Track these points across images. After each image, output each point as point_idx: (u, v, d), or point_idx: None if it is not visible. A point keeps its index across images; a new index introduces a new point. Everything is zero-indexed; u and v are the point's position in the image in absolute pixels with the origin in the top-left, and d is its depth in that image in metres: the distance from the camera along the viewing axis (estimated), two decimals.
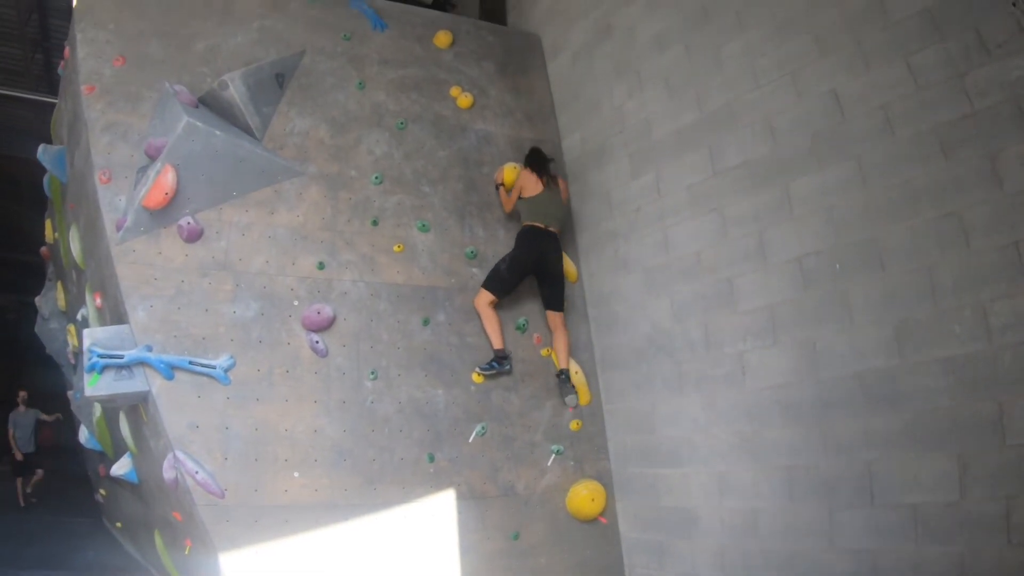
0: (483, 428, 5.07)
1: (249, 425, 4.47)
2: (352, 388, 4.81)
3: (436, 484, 4.84)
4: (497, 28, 6.79)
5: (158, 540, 5.74)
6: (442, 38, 6.16)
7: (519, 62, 6.51)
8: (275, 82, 5.36)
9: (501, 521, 4.94)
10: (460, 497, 4.86)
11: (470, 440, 5.02)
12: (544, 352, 5.51)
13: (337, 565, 4.42)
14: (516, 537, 4.94)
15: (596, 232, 5.84)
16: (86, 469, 10.20)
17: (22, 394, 11.28)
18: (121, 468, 5.54)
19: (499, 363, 5.18)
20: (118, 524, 8.45)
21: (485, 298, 5.26)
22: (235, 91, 5.08)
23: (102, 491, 9.08)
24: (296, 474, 4.49)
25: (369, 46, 5.87)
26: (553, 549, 5.04)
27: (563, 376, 5.44)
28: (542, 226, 5.41)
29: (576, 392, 5.44)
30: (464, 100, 5.98)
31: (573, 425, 5.38)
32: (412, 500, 4.73)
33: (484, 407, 5.16)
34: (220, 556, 4.22)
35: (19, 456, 11.04)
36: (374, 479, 4.68)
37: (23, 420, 11.10)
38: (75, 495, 10.73)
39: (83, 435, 6.87)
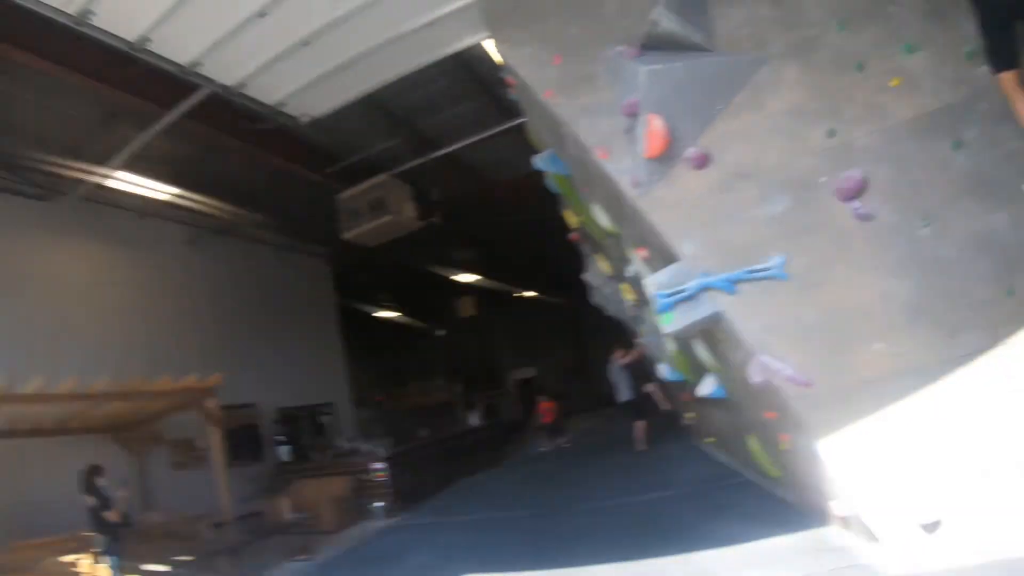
0: None
1: (818, 311, 4.76)
2: (907, 242, 4.72)
3: (1021, 318, 4.41)
4: None
5: (752, 443, 6.48)
6: None
7: None
8: None
9: None
10: None
11: None
12: None
13: (932, 429, 4.36)
14: None
15: None
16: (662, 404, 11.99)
17: (620, 351, 12.48)
18: (706, 388, 6.37)
19: None
20: (709, 439, 9.67)
21: (1005, 81, 4.17)
22: (668, 22, 5.44)
23: (689, 415, 10.44)
24: (876, 345, 4.62)
25: None
26: None
27: None
28: None
29: None
30: None
31: None
32: (997, 344, 4.40)
33: None
34: (818, 443, 4.59)
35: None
36: (955, 329, 4.52)
37: (618, 370, 12.49)
38: (661, 429, 12.31)
39: (663, 371, 7.98)
